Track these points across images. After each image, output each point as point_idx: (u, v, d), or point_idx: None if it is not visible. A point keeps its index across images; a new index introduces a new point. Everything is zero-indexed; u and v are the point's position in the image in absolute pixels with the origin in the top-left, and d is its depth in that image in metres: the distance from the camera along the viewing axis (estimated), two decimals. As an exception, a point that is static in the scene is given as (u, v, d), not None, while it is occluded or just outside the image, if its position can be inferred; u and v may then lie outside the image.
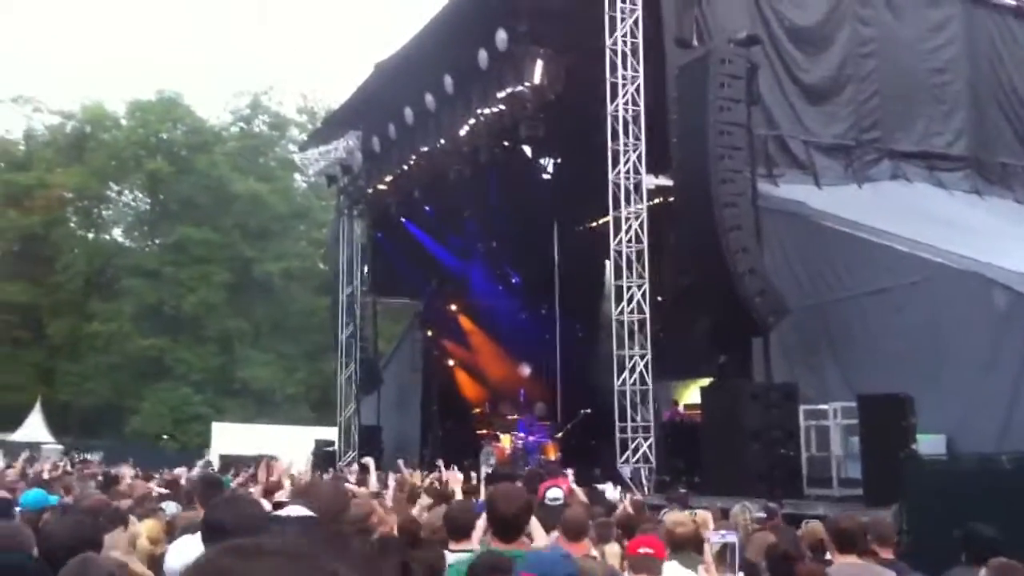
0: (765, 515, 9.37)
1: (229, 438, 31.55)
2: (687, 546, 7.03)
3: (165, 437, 40.63)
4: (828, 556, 6.39)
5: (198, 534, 4.77)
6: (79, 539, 4.45)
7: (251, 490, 12.01)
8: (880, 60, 18.84)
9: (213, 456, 28.82)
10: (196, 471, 12.26)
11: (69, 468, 20.95)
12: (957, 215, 17.61)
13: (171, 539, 6.83)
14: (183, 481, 12.31)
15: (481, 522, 5.54)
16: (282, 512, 3.57)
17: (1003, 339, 12.59)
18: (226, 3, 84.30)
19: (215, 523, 4.12)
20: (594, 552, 7.01)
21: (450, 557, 5.42)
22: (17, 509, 8.62)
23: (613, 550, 7.30)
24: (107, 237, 50.69)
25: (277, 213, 47.65)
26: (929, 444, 11.51)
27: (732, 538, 2.94)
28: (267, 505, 7.29)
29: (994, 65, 20.21)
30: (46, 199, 45.88)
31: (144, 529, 7.45)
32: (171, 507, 9.25)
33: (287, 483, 10.24)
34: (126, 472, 12.36)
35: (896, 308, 14.29)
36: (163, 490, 11.74)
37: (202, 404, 42.59)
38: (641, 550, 5.12)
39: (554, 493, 11.52)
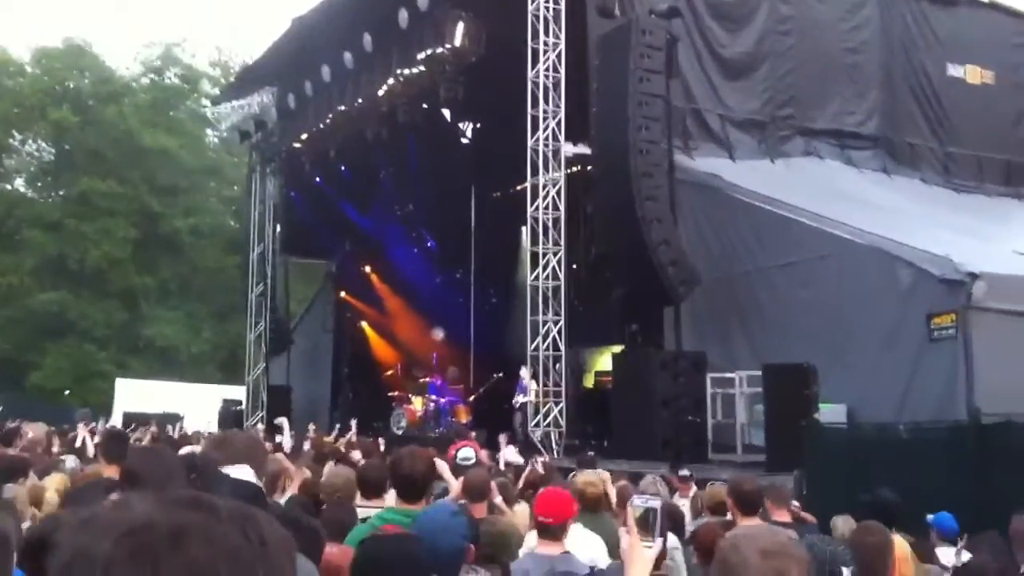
0: (688, 474, 9.61)
1: (133, 395, 30.90)
2: (597, 507, 7.14)
3: (67, 393, 39.62)
4: (728, 517, 6.57)
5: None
6: None
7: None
8: (797, 38, 19.17)
9: (117, 413, 28.21)
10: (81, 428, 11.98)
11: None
12: (865, 192, 18.07)
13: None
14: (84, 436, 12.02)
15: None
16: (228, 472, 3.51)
17: (905, 314, 12.98)
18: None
19: (132, 473, 4.05)
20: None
21: (360, 513, 5.44)
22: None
23: (522, 509, 7.38)
24: (8, 187, 48.96)
25: (187, 168, 46.45)
26: (831, 413, 11.86)
27: (655, 503, 2.99)
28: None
29: (907, 48, 20.72)
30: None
31: (51, 483, 7.31)
32: (71, 461, 9.08)
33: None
34: (39, 429, 12.03)
35: (804, 282, 14.66)
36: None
37: (106, 361, 41.60)
38: (542, 517, 5.15)
39: (465, 453, 11.58)
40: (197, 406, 26.49)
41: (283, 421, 14.02)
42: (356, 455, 10.85)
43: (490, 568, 4.52)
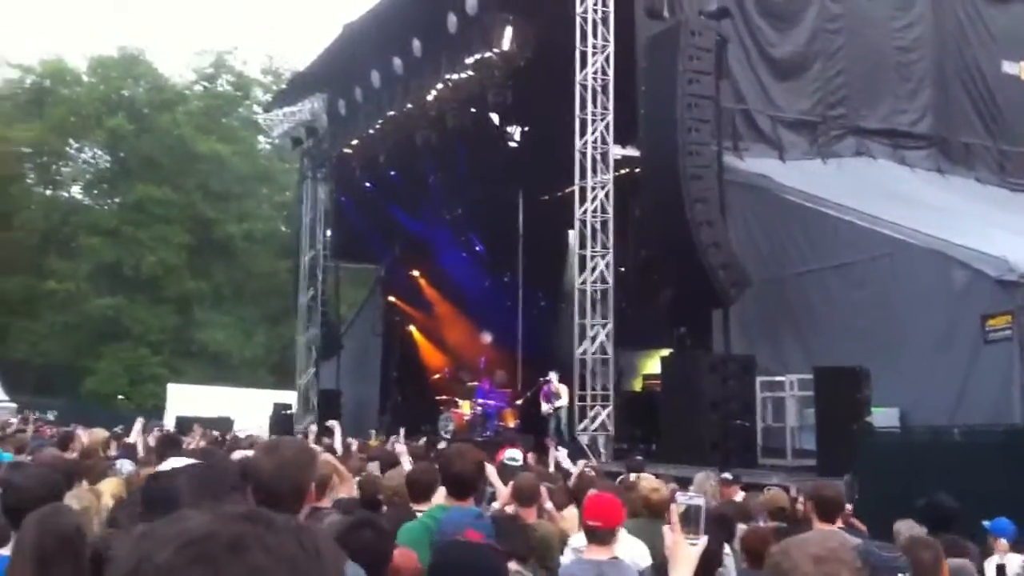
0: (731, 478, 9.49)
1: (185, 400, 31.28)
2: (662, 513, 7.08)
3: (121, 397, 40.21)
4: (783, 524, 6.46)
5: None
6: (46, 492, 4.40)
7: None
8: (848, 37, 18.88)
9: (169, 417, 28.58)
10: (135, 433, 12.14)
11: (23, 426, 20.72)
12: (919, 193, 17.76)
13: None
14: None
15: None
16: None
17: (960, 316, 12.74)
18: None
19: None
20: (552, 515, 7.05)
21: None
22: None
23: (571, 514, 7.34)
24: (65, 194, 49.85)
25: (239, 175, 47.07)
26: (883, 416, 11.65)
27: (699, 500, 2.96)
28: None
29: (960, 46, 20.31)
30: (3, 154, 45.00)
31: (106, 487, 7.38)
32: (126, 465, 9.17)
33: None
34: (98, 434, 12.20)
35: (856, 283, 14.43)
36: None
37: (159, 365, 42.20)
38: (591, 522, 5.12)
39: (512, 454, 11.55)
40: (248, 410, 26.80)
41: (334, 424, 14.06)
42: (404, 459, 10.85)
43: (537, 570, 4.51)
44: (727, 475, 10.19)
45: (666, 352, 16.14)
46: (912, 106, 19.49)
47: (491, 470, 6.75)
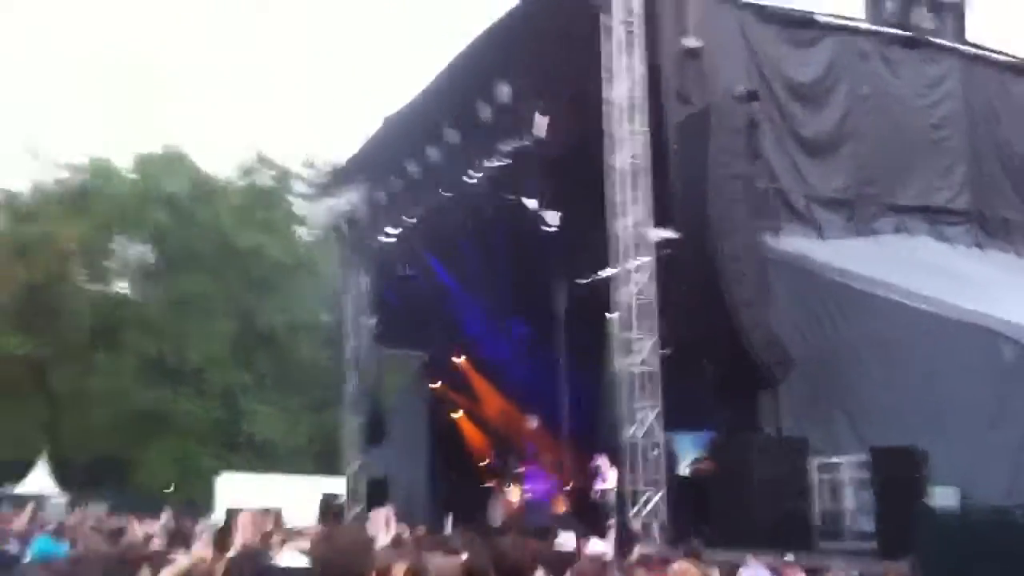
0: (792, 559, 9.51)
1: (233, 490, 31.36)
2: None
3: (169, 490, 40.42)
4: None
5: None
6: None
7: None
8: (878, 116, 19.07)
9: (219, 509, 28.66)
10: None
11: (74, 520, 20.94)
12: (959, 267, 17.78)
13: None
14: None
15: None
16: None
17: (1010, 391, 12.69)
18: (233, 66, 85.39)
19: None
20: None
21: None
22: (27, 560, 8.69)
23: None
24: (111, 290, 50.78)
25: (281, 265, 47.80)
26: (942, 495, 11.58)
27: None
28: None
29: (991, 121, 20.46)
30: (51, 251, 46.03)
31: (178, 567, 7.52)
32: (183, 557, 9.28)
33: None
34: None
35: (904, 361, 14.35)
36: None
37: (206, 456, 42.47)
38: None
39: (564, 538, 11.62)
40: (295, 498, 26.79)
41: (388, 510, 14.03)
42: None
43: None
44: (790, 557, 10.19)
45: (714, 435, 16.11)
46: (948, 182, 19.57)
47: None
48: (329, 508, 25.11)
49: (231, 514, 22.35)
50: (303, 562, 6.04)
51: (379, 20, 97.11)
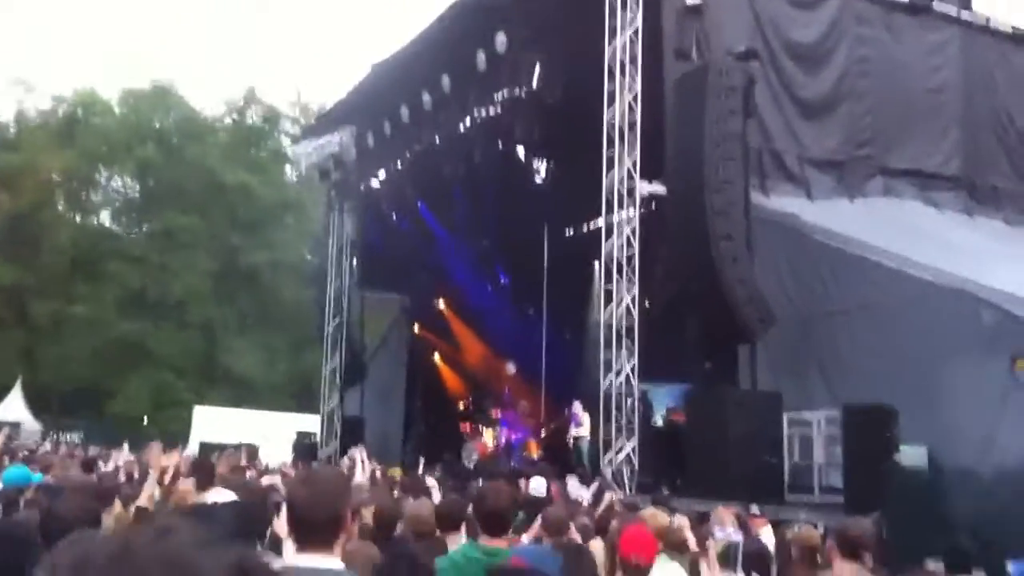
0: (759, 512, 9.53)
1: (209, 424, 31.40)
2: (675, 548, 7.15)
3: (145, 421, 40.44)
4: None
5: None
6: (85, 519, 4.49)
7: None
8: (876, 79, 18.99)
9: (193, 442, 28.72)
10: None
11: (49, 447, 20.96)
12: (946, 233, 17.79)
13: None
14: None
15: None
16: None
17: (989, 357, 12.72)
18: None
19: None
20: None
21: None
22: (-1, 486, 8.60)
23: (597, 546, 7.41)
24: (94, 221, 50.54)
25: (266, 204, 47.62)
26: (911, 455, 11.66)
27: (737, 537, 3.02)
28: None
29: (989, 88, 20.42)
30: (35, 181, 45.68)
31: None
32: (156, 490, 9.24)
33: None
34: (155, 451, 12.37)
35: (883, 323, 14.42)
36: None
37: (183, 390, 42.45)
38: (632, 557, 5.13)
39: (536, 483, 11.61)
40: (272, 435, 26.86)
41: (356, 451, 14.07)
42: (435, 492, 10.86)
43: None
44: (755, 509, 10.24)
45: (691, 387, 16.19)
46: (941, 148, 19.56)
47: None
48: (303, 445, 25.17)
49: (205, 449, 22.45)
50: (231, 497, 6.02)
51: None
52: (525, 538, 7.02)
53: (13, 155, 45.74)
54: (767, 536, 8.54)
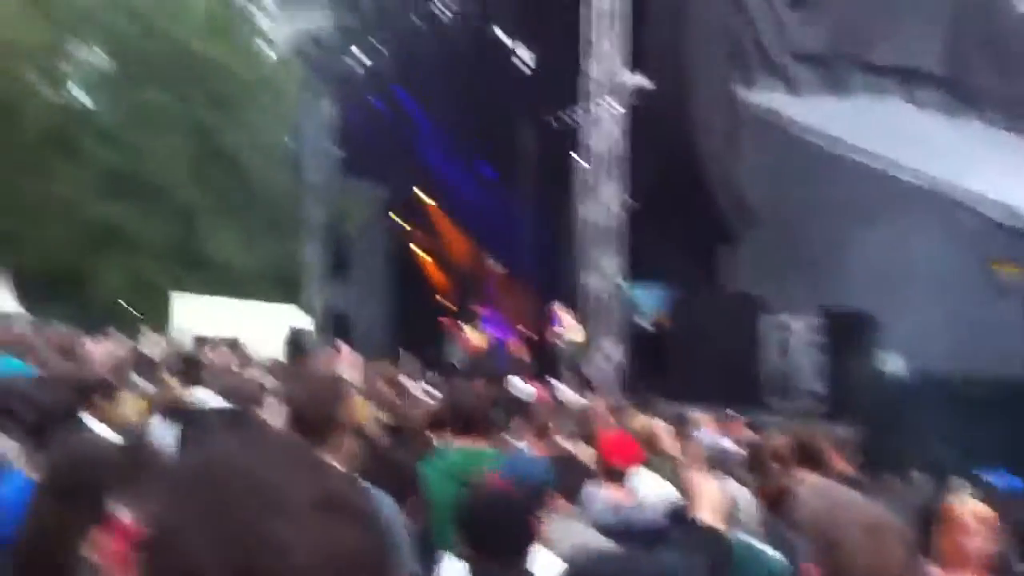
0: (732, 414, 9.72)
1: (190, 311, 31.18)
2: (656, 451, 7.30)
3: (124, 306, 40.36)
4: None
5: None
6: (65, 411, 4.53)
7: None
8: (864, -29, 18.67)
9: (176, 328, 28.63)
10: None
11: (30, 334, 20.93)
12: (927, 134, 17.77)
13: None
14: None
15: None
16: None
17: (966, 260, 12.89)
18: None
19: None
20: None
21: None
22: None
23: (583, 451, 7.59)
24: (66, 95, 49.39)
25: (243, 81, 46.62)
26: (890, 361, 11.87)
27: (726, 443, 3.12)
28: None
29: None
30: (6, 51, 44.41)
31: (131, 407, 7.51)
32: (141, 382, 9.26)
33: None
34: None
35: (865, 225, 14.47)
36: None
37: (161, 274, 42.15)
38: (612, 461, 5.16)
39: (518, 383, 11.72)
40: (256, 324, 26.67)
41: (343, 346, 14.13)
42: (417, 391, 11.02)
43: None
44: (730, 412, 10.47)
45: (673, 287, 16.27)
46: (924, 46, 19.33)
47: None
48: (299, 343, 24.90)
49: (200, 342, 22.22)
50: (218, 401, 6.08)
51: None
52: (516, 442, 6.98)
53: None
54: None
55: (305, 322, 27.05)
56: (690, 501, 3.21)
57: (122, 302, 40.82)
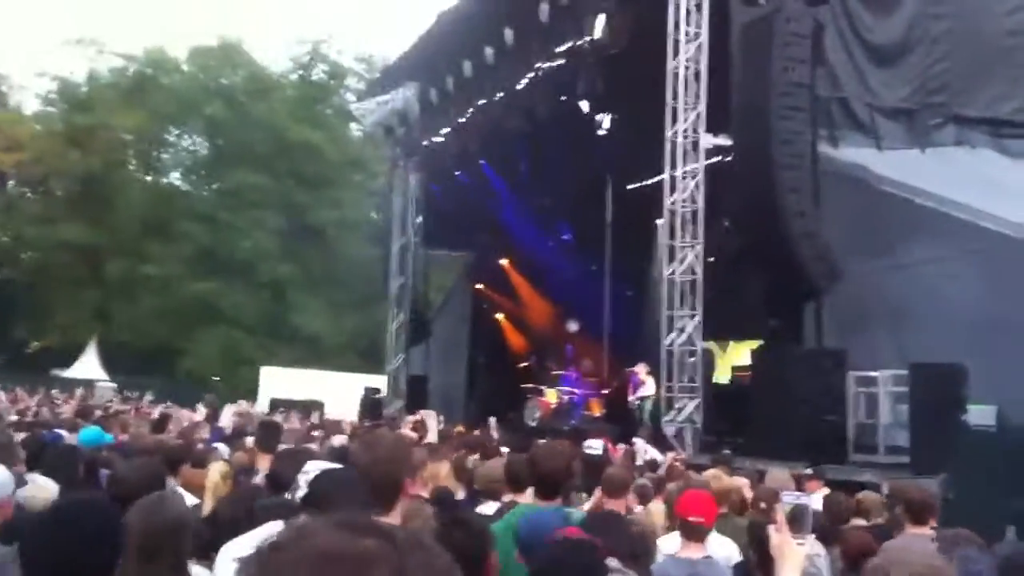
0: (811, 472, 9.34)
1: (277, 382, 31.87)
2: (736, 509, 7.01)
3: (216, 379, 41.17)
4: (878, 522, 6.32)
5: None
6: (151, 481, 4.52)
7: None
8: (951, 22, 18.27)
9: (263, 399, 29.15)
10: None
11: (122, 406, 21.43)
12: (1017, 183, 17.14)
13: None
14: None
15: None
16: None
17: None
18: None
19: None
20: (638, 509, 7.00)
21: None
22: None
23: (658, 508, 7.28)
24: (165, 180, 51.30)
25: (332, 162, 47.84)
26: (979, 414, 11.30)
27: (806, 500, 2.95)
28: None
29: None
30: (107, 141, 46.43)
31: (215, 469, 7.52)
32: (222, 449, 9.33)
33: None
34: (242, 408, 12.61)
35: (953, 277, 13.96)
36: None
37: (252, 348, 43.03)
38: (691, 518, 5.05)
39: (592, 443, 11.43)
40: (338, 393, 27.16)
41: (430, 414, 13.97)
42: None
43: (633, 568, 4.44)
44: (808, 470, 10.01)
45: (756, 344, 15.91)
46: (1017, 94, 18.78)
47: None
48: (369, 402, 25.34)
49: (275, 405, 22.69)
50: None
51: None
52: (586, 505, 6.83)
53: (85, 115, 46.48)
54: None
55: (382, 385, 27.24)
56: (768, 559, 3.07)
57: (213, 375, 41.58)
